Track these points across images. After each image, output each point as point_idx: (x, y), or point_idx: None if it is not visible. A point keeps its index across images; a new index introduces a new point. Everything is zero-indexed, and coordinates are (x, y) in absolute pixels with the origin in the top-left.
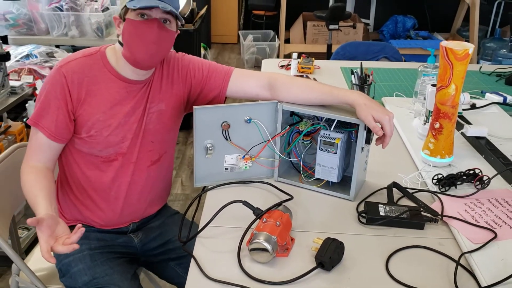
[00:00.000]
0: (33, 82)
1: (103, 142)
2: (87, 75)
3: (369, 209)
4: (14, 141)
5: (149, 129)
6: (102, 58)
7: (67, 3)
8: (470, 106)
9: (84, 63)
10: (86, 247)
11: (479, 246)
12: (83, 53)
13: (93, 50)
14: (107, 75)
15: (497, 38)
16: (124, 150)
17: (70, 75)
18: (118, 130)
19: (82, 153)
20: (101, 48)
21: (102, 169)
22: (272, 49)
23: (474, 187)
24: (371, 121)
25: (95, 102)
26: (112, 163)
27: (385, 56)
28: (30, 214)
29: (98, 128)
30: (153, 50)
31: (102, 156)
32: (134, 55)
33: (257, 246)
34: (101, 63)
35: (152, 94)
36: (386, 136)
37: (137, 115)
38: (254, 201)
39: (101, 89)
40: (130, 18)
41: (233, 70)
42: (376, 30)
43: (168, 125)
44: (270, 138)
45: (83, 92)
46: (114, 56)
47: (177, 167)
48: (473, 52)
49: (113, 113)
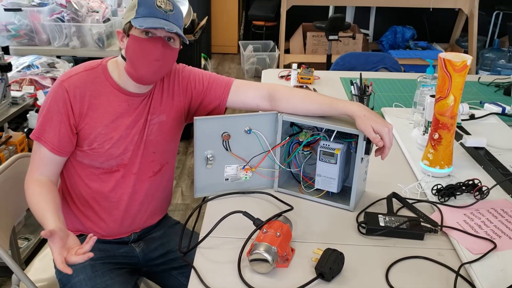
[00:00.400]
0: (34, 92)
1: (105, 155)
2: (89, 89)
3: (369, 219)
4: (15, 151)
5: (150, 140)
6: (104, 71)
7: (69, 14)
8: (469, 116)
9: (86, 77)
10: None
11: (478, 256)
12: (85, 67)
13: (94, 64)
14: (109, 89)
15: (495, 48)
16: (126, 161)
17: (72, 89)
18: (119, 142)
19: (83, 165)
20: (102, 61)
21: (103, 180)
22: (272, 59)
23: (473, 198)
24: (371, 132)
25: (97, 115)
26: (113, 174)
27: (384, 66)
28: (30, 224)
29: (100, 141)
30: (156, 67)
31: (103, 167)
32: (138, 72)
33: (257, 257)
34: (103, 77)
35: (153, 106)
36: (386, 147)
37: (139, 127)
38: (254, 211)
39: (103, 102)
40: (134, 34)
41: (233, 81)
42: (376, 40)
43: (169, 136)
44: (270, 149)
45: (85, 106)
46: (116, 69)
47: (177, 177)
48: (471, 62)
49: (115, 126)
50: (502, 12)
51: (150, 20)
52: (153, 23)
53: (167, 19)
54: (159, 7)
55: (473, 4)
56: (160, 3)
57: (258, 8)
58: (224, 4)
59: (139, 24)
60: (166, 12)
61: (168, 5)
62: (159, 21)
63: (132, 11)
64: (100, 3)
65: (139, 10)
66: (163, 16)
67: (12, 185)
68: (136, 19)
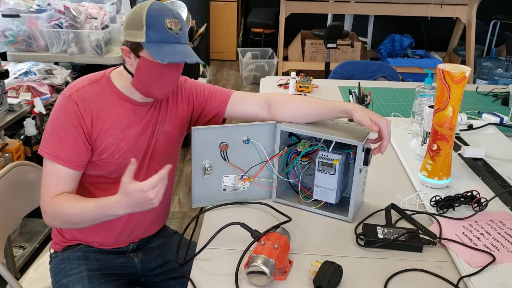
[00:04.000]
0: (31, 99)
1: (114, 164)
2: (97, 100)
3: (367, 231)
4: (11, 159)
5: (156, 150)
6: (108, 83)
7: (67, 21)
8: (467, 126)
9: (92, 89)
10: (84, 268)
11: (477, 269)
12: (89, 80)
13: (98, 76)
14: (115, 99)
15: (493, 57)
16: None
17: (81, 102)
18: (128, 152)
19: (91, 175)
20: (105, 72)
21: (108, 190)
22: (270, 66)
23: (472, 209)
24: (367, 120)
25: (107, 126)
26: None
27: (382, 75)
28: (25, 233)
29: (110, 152)
30: (169, 89)
31: (111, 177)
32: (150, 93)
33: (255, 269)
34: (108, 88)
35: (160, 115)
36: (384, 139)
37: (146, 137)
38: (252, 222)
39: (111, 113)
40: (146, 58)
41: (233, 92)
42: (374, 48)
43: (173, 146)
44: (268, 159)
45: (95, 118)
46: (120, 79)
47: (174, 184)
48: (469, 73)
49: (124, 136)
50: (499, 21)
51: (168, 49)
52: (173, 54)
53: (179, 41)
54: (170, 29)
55: (471, 13)
56: (170, 24)
57: (257, 15)
58: (223, 11)
59: (160, 58)
60: (178, 34)
61: (177, 25)
62: (176, 48)
63: (140, 31)
64: (98, 10)
65: (149, 33)
66: (176, 39)
67: (8, 193)
68: (150, 46)
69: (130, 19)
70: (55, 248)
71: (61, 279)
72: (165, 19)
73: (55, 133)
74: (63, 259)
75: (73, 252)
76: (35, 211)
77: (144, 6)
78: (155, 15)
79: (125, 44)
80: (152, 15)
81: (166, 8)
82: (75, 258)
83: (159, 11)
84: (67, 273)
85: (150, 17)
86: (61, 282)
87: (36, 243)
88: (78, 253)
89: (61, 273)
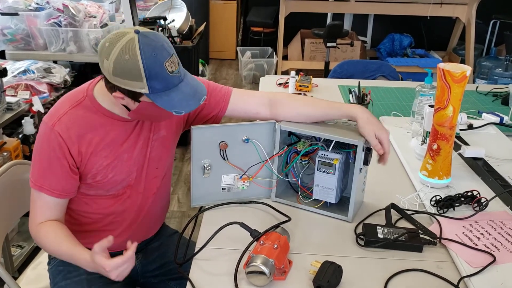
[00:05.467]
0: (29, 98)
1: (110, 183)
2: (81, 126)
3: (367, 231)
4: (9, 157)
5: (152, 157)
6: (93, 102)
7: (66, 19)
8: (467, 126)
9: (76, 114)
10: (84, 271)
11: (478, 270)
12: (71, 103)
13: (80, 96)
14: (104, 119)
15: (492, 57)
16: (132, 182)
17: (65, 132)
18: (122, 167)
19: (88, 195)
20: (87, 91)
21: (110, 202)
22: (270, 65)
23: (472, 209)
24: (373, 138)
25: (97, 149)
26: (121, 196)
27: (382, 74)
28: (23, 232)
29: (103, 173)
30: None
31: (109, 194)
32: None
33: (254, 269)
34: (93, 109)
35: (152, 124)
36: (386, 153)
37: (140, 148)
38: (252, 222)
39: (100, 134)
40: (150, 101)
41: (233, 89)
42: (373, 47)
43: (170, 149)
44: (268, 158)
45: (83, 144)
46: (106, 97)
47: (173, 183)
48: (470, 72)
49: (116, 154)
50: (499, 21)
51: (177, 96)
52: (185, 102)
53: (182, 79)
54: (172, 73)
55: (471, 13)
56: (171, 67)
57: (257, 14)
58: (222, 10)
59: (176, 112)
60: (179, 72)
61: (175, 63)
62: (184, 90)
63: (139, 82)
64: (97, 8)
65: (152, 84)
66: (179, 79)
67: (6, 192)
68: (157, 98)
69: (120, 67)
70: None
71: (60, 281)
72: (164, 64)
73: (39, 163)
74: (62, 261)
75: None
76: None
77: (132, 51)
78: (153, 64)
79: (114, 89)
80: (149, 64)
81: (158, 45)
82: None
83: (155, 57)
84: (65, 275)
85: (149, 67)
86: (59, 284)
87: (34, 242)
88: None
89: (60, 275)
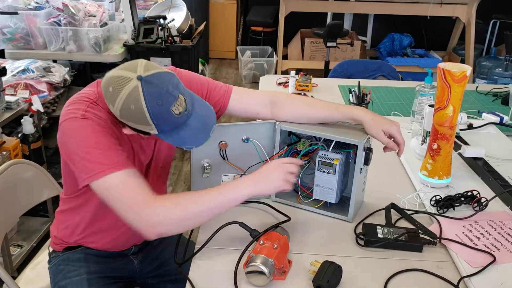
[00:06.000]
0: (29, 97)
1: None
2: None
3: (367, 231)
4: (8, 157)
5: (159, 156)
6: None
7: (65, 18)
8: (467, 126)
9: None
10: (84, 271)
11: (478, 270)
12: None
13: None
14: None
15: (492, 56)
16: None
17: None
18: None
19: None
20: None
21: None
22: (270, 65)
23: (472, 209)
24: (383, 137)
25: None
26: None
27: (382, 74)
28: (23, 231)
29: None
30: None
31: None
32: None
33: (254, 269)
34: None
35: None
36: (400, 144)
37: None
38: (251, 222)
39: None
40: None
41: (233, 87)
42: (373, 47)
43: (173, 147)
44: (268, 158)
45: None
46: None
47: (173, 183)
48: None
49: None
50: (499, 20)
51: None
52: (195, 137)
53: (191, 114)
54: (180, 114)
55: (470, 13)
56: (177, 109)
57: (257, 13)
58: (222, 10)
59: (187, 148)
60: (186, 110)
61: (182, 103)
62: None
63: (147, 126)
64: (97, 8)
65: (161, 128)
66: (187, 116)
67: (5, 191)
68: (167, 137)
69: (127, 115)
70: (55, 247)
71: (60, 280)
72: (170, 109)
73: (94, 151)
74: (63, 260)
75: (73, 254)
76: (33, 210)
77: (137, 102)
78: (159, 112)
79: (124, 124)
80: (156, 113)
81: (162, 92)
82: (75, 259)
83: (161, 106)
84: (66, 275)
85: (156, 115)
86: (60, 283)
87: (34, 241)
88: (78, 255)
89: (60, 274)
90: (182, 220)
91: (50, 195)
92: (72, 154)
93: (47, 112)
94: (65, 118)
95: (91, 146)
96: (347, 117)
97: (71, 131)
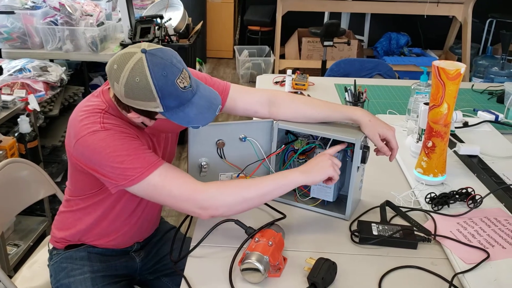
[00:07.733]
0: (25, 96)
1: None
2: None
3: (362, 228)
4: (5, 156)
5: (168, 153)
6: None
7: (62, 18)
8: (462, 124)
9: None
10: (88, 269)
11: (472, 266)
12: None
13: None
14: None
15: (489, 55)
16: None
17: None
18: None
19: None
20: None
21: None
22: (267, 64)
23: (466, 206)
24: (379, 140)
25: None
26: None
27: (379, 73)
28: (19, 230)
29: None
30: None
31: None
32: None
33: (249, 266)
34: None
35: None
36: (394, 149)
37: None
38: (247, 219)
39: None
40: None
41: (231, 84)
42: (370, 46)
43: (174, 144)
44: (265, 157)
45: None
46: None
47: None
48: (465, 70)
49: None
50: (495, 19)
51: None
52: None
53: (195, 92)
54: (184, 88)
55: (467, 12)
56: (182, 83)
57: (254, 13)
58: (219, 9)
59: (194, 127)
60: (191, 86)
61: (186, 77)
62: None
63: (152, 102)
64: (94, 7)
65: (166, 103)
66: (192, 93)
67: (1, 190)
68: (173, 115)
69: (132, 90)
70: (56, 245)
71: (63, 278)
72: (175, 81)
73: (128, 158)
74: (66, 258)
75: (76, 252)
76: (29, 209)
77: (142, 73)
78: (164, 83)
79: (129, 109)
80: (161, 84)
81: (167, 63)
82: (78, 258)
83: (166, 77)
84: (69, 273)
85: (160, 87)
86: (62, 281)
87: (30, 241)
88: (81, 253)
89: (63, 272)
90: (234, 204)
91: (46, 194)
92: (101, 166)
93: (44, 112)
94: (84, 134)
95: (123, 154)
96: (345, 117)
97: (95, 144)
